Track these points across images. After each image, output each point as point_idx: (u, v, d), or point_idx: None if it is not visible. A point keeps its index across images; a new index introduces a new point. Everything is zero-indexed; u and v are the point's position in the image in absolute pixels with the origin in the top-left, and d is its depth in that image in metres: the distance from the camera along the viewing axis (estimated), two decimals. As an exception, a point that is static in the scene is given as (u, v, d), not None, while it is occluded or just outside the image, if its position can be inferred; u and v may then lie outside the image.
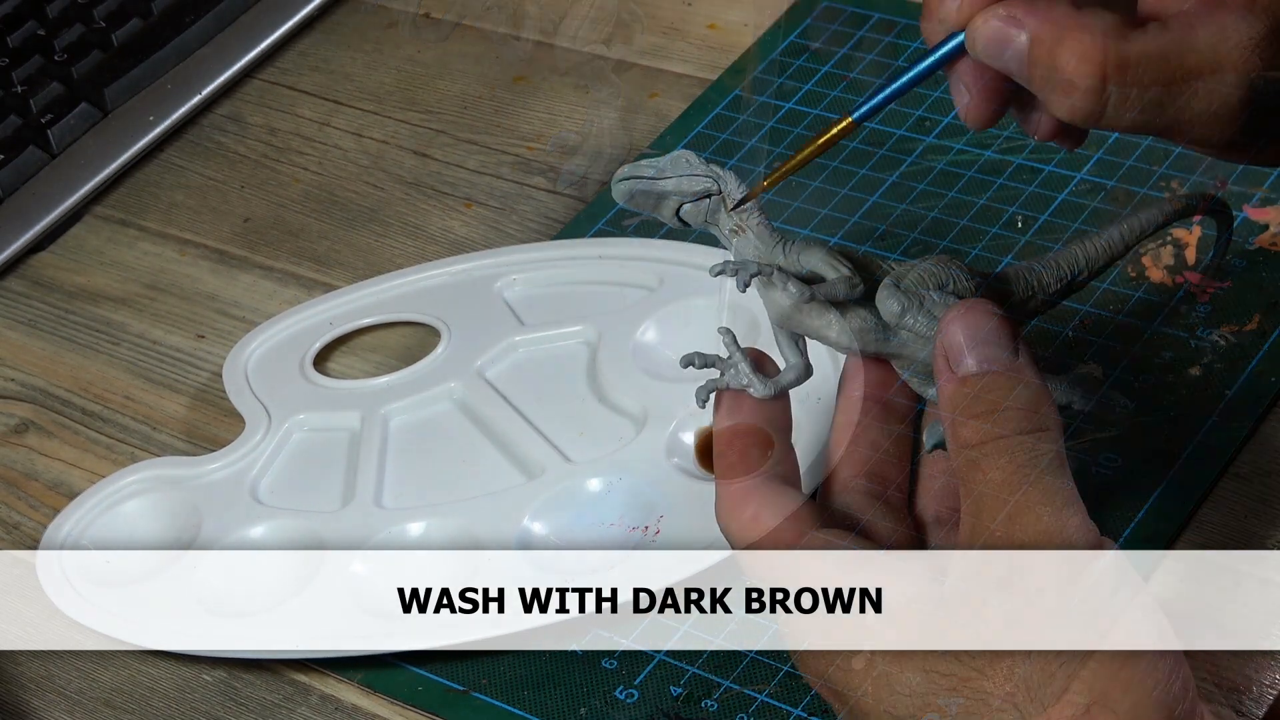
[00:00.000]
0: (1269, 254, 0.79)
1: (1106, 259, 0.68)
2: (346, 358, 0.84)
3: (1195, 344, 0.76)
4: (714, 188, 0.65)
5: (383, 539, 0.74)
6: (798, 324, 0.65)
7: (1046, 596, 0.55)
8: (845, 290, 0.63)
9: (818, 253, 0.64)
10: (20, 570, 0.78)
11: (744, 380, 0.66)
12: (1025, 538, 0.55)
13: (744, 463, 0.64)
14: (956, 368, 0.58)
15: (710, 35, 0.98)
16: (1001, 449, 0.57)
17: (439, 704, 0.69)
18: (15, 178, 0.94)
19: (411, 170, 0.94)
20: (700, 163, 0.66)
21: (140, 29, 1.01)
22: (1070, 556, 0.55)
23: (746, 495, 0.62)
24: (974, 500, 0.56)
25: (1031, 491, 0.56)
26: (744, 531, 0.62)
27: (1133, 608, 0.55)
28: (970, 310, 0.59)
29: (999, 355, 0.58)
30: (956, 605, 0.56)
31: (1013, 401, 0.57)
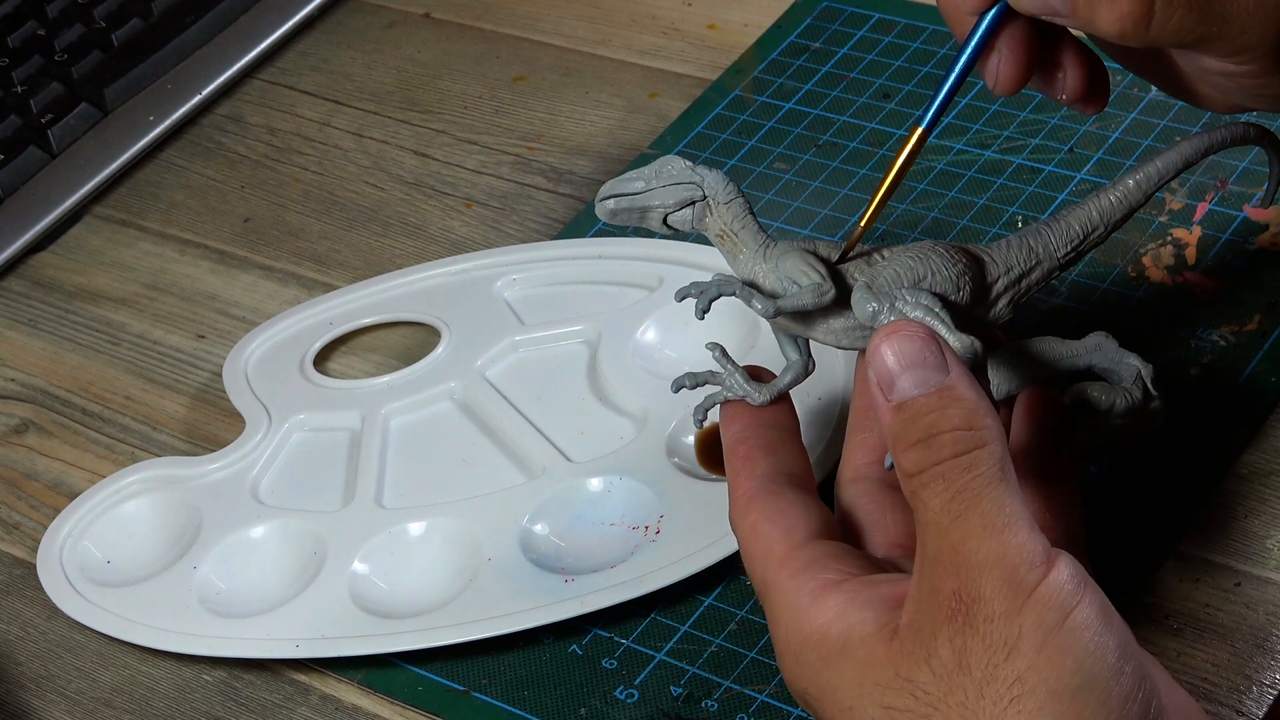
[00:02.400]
0: (1269, 254, 0.79)
1: (1125, 211, 0.67)
2: (346, 358, 0.84)
3: (1195, 344, 0.76)
4: (697, 194, 0.65)
5: (383, 539, 0.74)
6: (786, 326, 0.65)
7: (995, 626, 0.54)
8: (812, 299, 0.63)
9: (793, 258, 0.64)
10: (20, 570, 0.78)
11: (740, 391, 0.66)
12: (968, 566, 0.54)
13: (747, 468, 0.64)
14: (889, 395, 0.57)
15: (710, 35, 0.98)
16: (938, 476, 0.55)
17: (439, 704, 0.69)
18: (15, 178, 0.94)
19: (411, 170, 0.94)
20: (685, 168, 0.66)
21: (140, 29, 1.01)
22: (1016, 581, 0.54)
23: (748, 503, 0.63)
24: (921, 530, 0.56)
25: (970, 518, 0.55)
26: (746, 540, 0.62)
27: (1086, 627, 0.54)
28: (894, 335, 0.58)
29: (929, 377, 0.57)
30: (910, 640, 0.55)
31: (945, 424, 0.56)
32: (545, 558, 0.72)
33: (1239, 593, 0.68)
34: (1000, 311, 0.66)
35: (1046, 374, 0.66)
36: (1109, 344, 0.65)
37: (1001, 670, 0.54)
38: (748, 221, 0.65)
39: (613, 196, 0.66)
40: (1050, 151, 0.86)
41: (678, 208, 0.65)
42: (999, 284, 0.65)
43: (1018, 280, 0.65)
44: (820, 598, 0.58)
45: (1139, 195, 0.67)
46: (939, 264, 0.64)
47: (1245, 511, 0.71)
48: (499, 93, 0.98)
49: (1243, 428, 0.73)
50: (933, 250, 0.64)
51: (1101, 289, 0.79)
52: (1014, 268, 0.65)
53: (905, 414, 0.56)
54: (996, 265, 0.65)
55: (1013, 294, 0.66)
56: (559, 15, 1.01)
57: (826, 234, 0.84)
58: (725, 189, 0.65)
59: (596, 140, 0.93)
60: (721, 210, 0.65)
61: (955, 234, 0.83)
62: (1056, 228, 0.66)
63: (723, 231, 0.65)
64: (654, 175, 0.66)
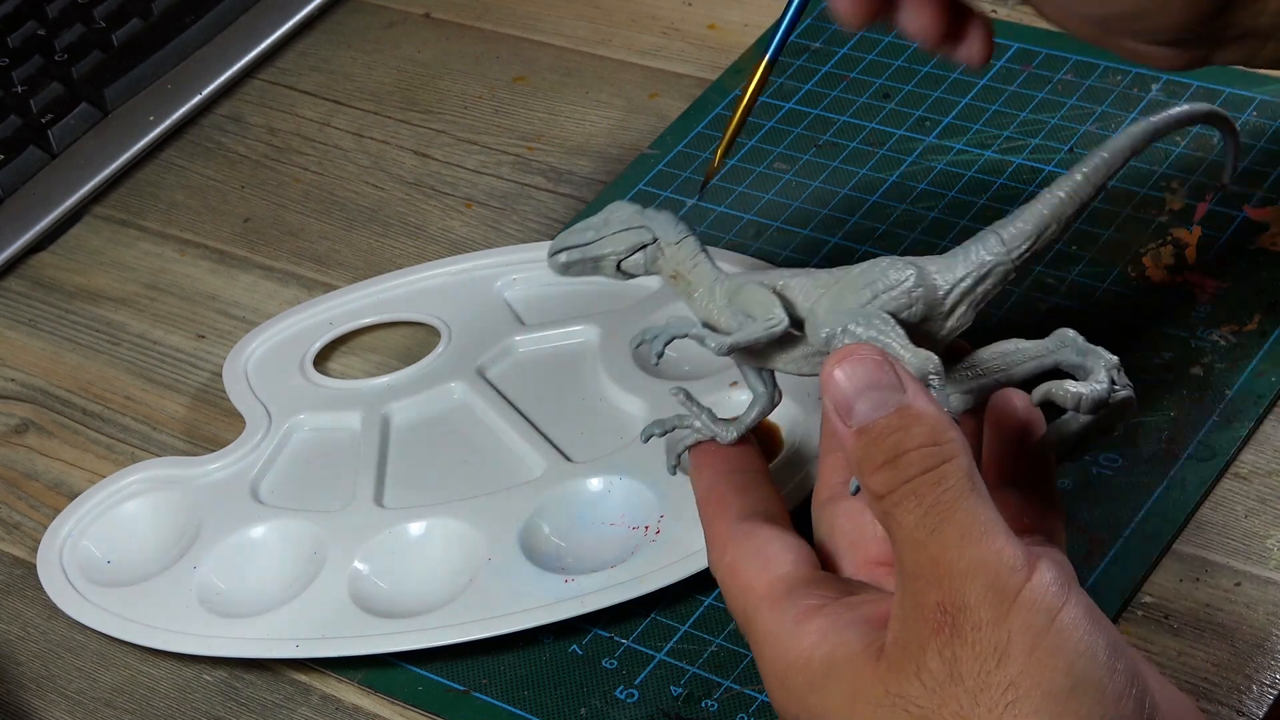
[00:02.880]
0: (1269, 254, 0.79)
1: (1076, 206, 0.65)
2: (346, 358, 0.84)
3: (1195, 344, 0.76)
4: (647, 237, 0.65)
5: (383, 539, 0.74)
6: (748, 359, 0.65)
7: (983, 633, 0.54)
8: (763, 331, 0.63)
9: (745, 292, 0.64)
10: (20, 570, 0.78)
11: (708, 431, 0.66)
12: (950, 576, 0.54)
13: (721, 511, 0.64)
14: (848, 421, 0.57)
15: (710, 35, 0.98)
16: (908, 494, 0.55)
17: (439, 704, 0.69)
18: (15, 178, 0.94)
19: (411, 170, 0.94)
20: (633, 213, 0.66)
21: (140, 29, 1.01)
22: (999, 587, 0.54)
23: (726, 542, 0.63)
24: (898, 548, 0.55)
25: (947, 530, 0.54)
26: (726, 580, 0.62)
27: (1074, 628, 0.54)
28: (845, 360, 0.57)
29: (886, 398, 0.56)
30: (897, 656, 0.55)
31: (910, 443, 0.55)
32: (545, 558, 0.72)
33: (1239, 593, 0.68)
34: (959, 320, 0.64)
35: (1012, 377, 0.65)
36: (1075, 339, 0.64)
37: (994, 677, 0.53)
38: (699, 260, 0.65)
39: (564, 249, 0.66)
40: (1050, 151, 0.86)
41: (629, 253, 0.66)
42: (953, 294, 0.64)
43: (972, 288, 0.64)
44: (802, 624, 0.58)
45: (1089, 189, 0.65)
46: (888, 282, 0.63)
47: (1245, 511, 0.71)
48: (499, 93, 0.98)
49: (1243, 428, 0.73)
50: (883, 269, 0.63)
51: (1101, 289, 0.79)
52: (967, 276, 0.64)
53: (868, 438, 0.56)
54: (948, 275, 0.64)
55: (970, 301, 0.64)
56: (559, 15, 1.01)
57: (826, 235, 0.84)
58: (675, 230, 0.65)
59: (596, 140, 0.93)
60: (673, 251, 0.65)
61: (955, 234, 0.83)
62: (1007, 231, 0.64)
63: (675, 273, 0.65)
64: (603, 223, 0.66)
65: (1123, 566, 0.69)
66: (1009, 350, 0.65)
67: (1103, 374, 0.63)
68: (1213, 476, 0.71)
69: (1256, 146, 0.84)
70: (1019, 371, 0.65)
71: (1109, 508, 0.71)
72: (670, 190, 0.88)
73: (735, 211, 0.86)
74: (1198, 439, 0.73)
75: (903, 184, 0.86)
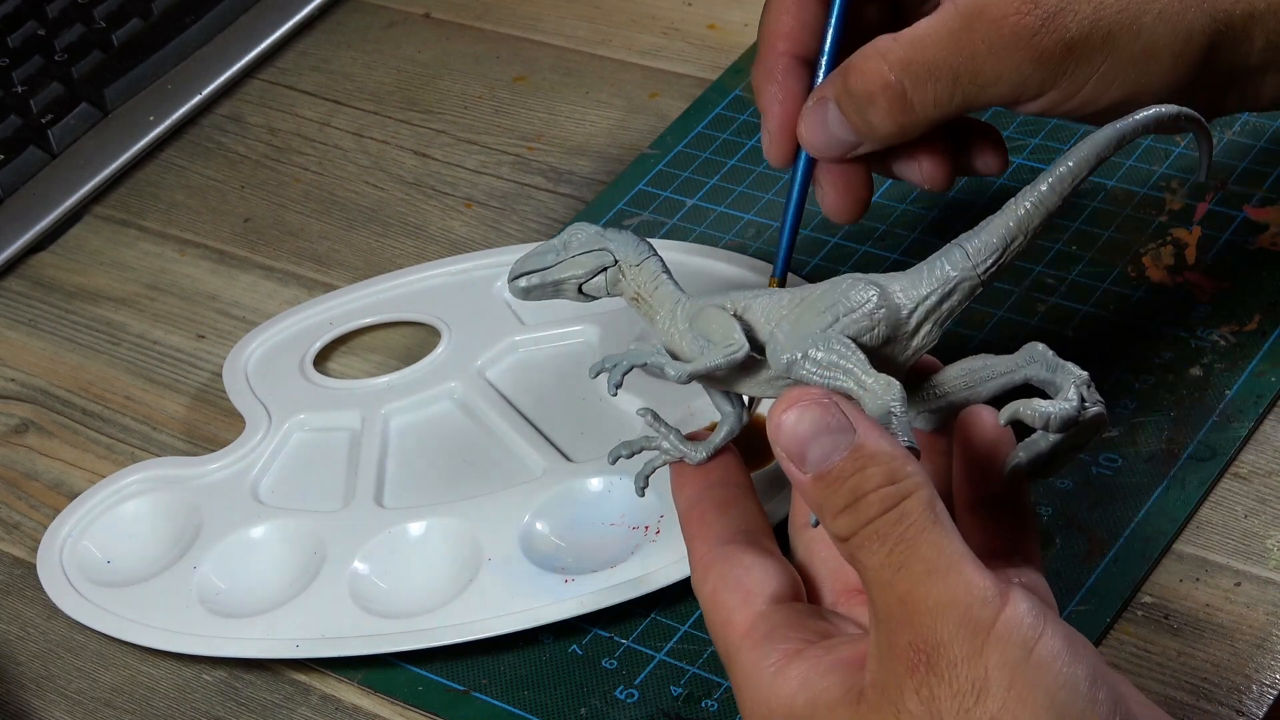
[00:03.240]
0: (1269, 254, 0.79)
1: (1042, 216, 0.64)
2: (346, 358, 0.84)
3: (1195, 344, 0.76)
4: (607, 259, 0.65)
5: (383, 539, 0.74)
6: (711, 382, 0.65)
7: (959, 670, 0.53)
8: (724, 358, 0.62)
9: (705, 316, 0.63)
10: (20, 570, 0.78)
11: (676, 453, 0.66)
12: (920, 614, 0.54)
13: (702, 531, 0.64)
14: (802, 469, 0.56)
15: (710, 35, 0.98)
16: (871, 535, 0.55)
17: (439, 704, 0.69)
18: (15, 178, 0.94)
19: (411, 170, 0.94)
20: (594, 234, 0.65)
21: (140, 29, 1.01)
22: (971, 621, 0.53)
23: (707, 568, 0.62)
24: (867, 588, 0.55)
25: (913, 565, 0.54)
26: (707, 607, 0.62)
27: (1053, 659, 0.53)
28: (791, 407, 0.57)
29: (837, 442, 0.56)
30: (876, 699, 0.55)
31: (868, 484, 0.55)
32: (545, 558, 0.72)
33: (1239, 593, 0.68)
34: (925, 339, 0.63)
35: (981, 394, 0.64)
36: (1044, 354, 0.63)
37: (974, 714, 0.53)
38: (661, 281, 0.65)
39: (524, 274, 0.65)
40: (1050, 152, 0.86)
41: (589, 276, 0.65)
42: (917, 312, 0.63)
43: (937, 305, 0.63)
44: (783, 669, 0.58)
45: (1055, 198, 0.64)
46: (849, 304, 0.62)
47: (1245, 511, 0.71)
48: (499, 93, 0.98)
49: (1243, 427, 0.73)
50: (844, 291, 0.62)
51: (1101, 289, 0.79)
52: (932, 294, 0.63)
53: (824, 484, 0.56)
54: (912, 294, 0.63)
55: (935, 318, 0.63)
56: (559, 15, 1.01)
57: (826, 235, 0.84)
58: (636, 251, 0.65)
59: (596, 140, 0.93)
60: (634, 273, 0.65)
61: (955, 234, 0.82)
62: (973, 244, 0.63)
63: (636, 294, 0.65)
64: (563, 245, 0.65)
65: (1123, 566, 0.69)
66: (977, 367, 0.64)
67: (1072, 391, 0.61)
68: (1213, 476, 0.71)
69: (1256, 146, 0.84)
70: (987, 388, 0.64)
71: (1109, 508, 0.71)
72: (670, 190, 0.88)
73: (735, 211, 0.86)
74: (1198, 439, 0.73)
75: (903, 184, 0.86)
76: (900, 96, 0.67)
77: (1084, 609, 0.68)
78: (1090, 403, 0.61)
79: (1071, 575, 0.69)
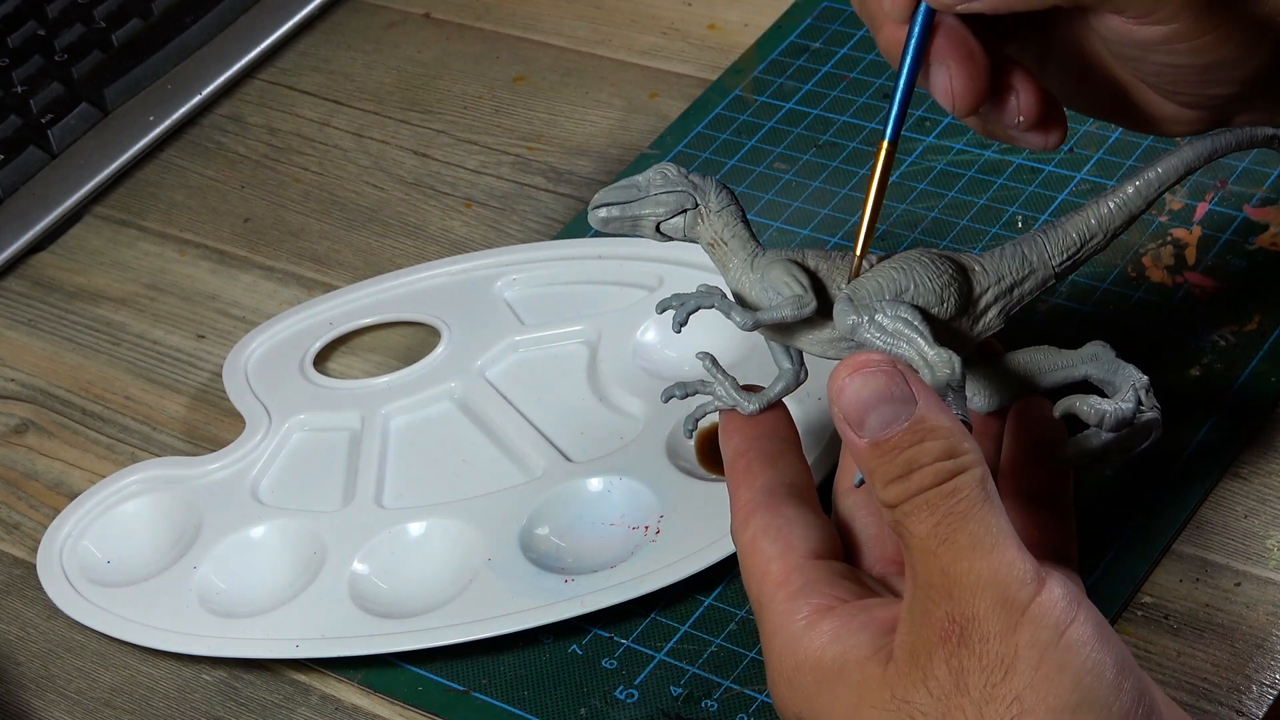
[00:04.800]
0: (1269, 254, 0.79)
1: (1125, 218, 0.65)
2: (346, 358, 0.84)
3: (1195, 344, 0.76)
4: (689, 202, 0.65)
5: (383, 539, 0.74)
6: (774, 336, 0.65)
7: (991, 646, 0.54)
8: (792, 311, 0.62)
9: (778, 268, 0.63)
10: (20, 570, 0.78)
11: (730, 400, 0.66)
12: (960, 588, 0.54)
13: (748, 479, 0.64)
14: (860, 434, 0.56)
15: (710, 35, 0.98)
16: (921, 504, 0.55)
17: (439, 704, 0.69)
18: (15, 178, 0.94)
19: (411, 170, 0.94)
20: (679, 176, 0.65)
21: (140, 29, 1.01)
22: (1008, 600, 0.54)
23: (748, 516, 0.62)
24: (909, 554, 0.56)
25: (959, 539, 0.54)
26: (744, 554, 0.62)
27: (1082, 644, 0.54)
28: (856, 372, 0.57)
29: (898, 412, 0.56)
30: (905, 662, 0.55)
31: (924, 457, 0.55)
32: (545, 558, 0.72)
33: (1239, 593, 0.68)
34: (990, 322, 0.64)
35: (1040, 385, 0.65)
36: (1106, 353, 0.64)
37: (999, 690, 0.53)
38: (739, 230, 0.64)
39: (604, 205, 0.65)
40: (1050, 151, 0.86)
41: (669, 215, 0.65)
42: (988, 294, 0.64)
43: (1009, 290, 0.64)
44: (815, 623, 0.58)
45: (1139, 202, 0.65)
46: (923, 275, 0.63)
47: (1245, 511, 0.71)
48: (499, 93, 0.98)
49: (1243, 428, 0.73)
50: (918, 260, 0.63)
51: (1101, 289, 0.79)
52: (1005, 277, 0.64)
53: (880, 451, 0.56)
54: (987, 275, 0.64)
55: (1004, 304, 0.64)
56: (559, 15, 1.01)
57: (826, 234, 0.84)
58: (719, 197, 0.65)
59: (596, 140, 0.93)
60: (713, 219, 0.65)
61: (955, 234, 0.83)
62: (1053, 235, 0.65)
63: (714, 240, 0.65)
64: (648, 183, 0.65)
65: (1123, 566, 0.69)
66: (1039, 358, 0.65)
67: (1130, 393, 0.62)
68: (1213, 476, 0.71)
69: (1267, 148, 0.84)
70: (1047, 380, 0.64)
71: (1109, 508, 0.71)
72: (670, 190, 0.88)
73: (735, 211, 0.86)
74: (1198, 439, 0.73)
75: (903, 184, 0.86)
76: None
77: (1084, 609, 0.68)
78: (1147, 407, 0.62)
79: (1072, 575, 0.69)
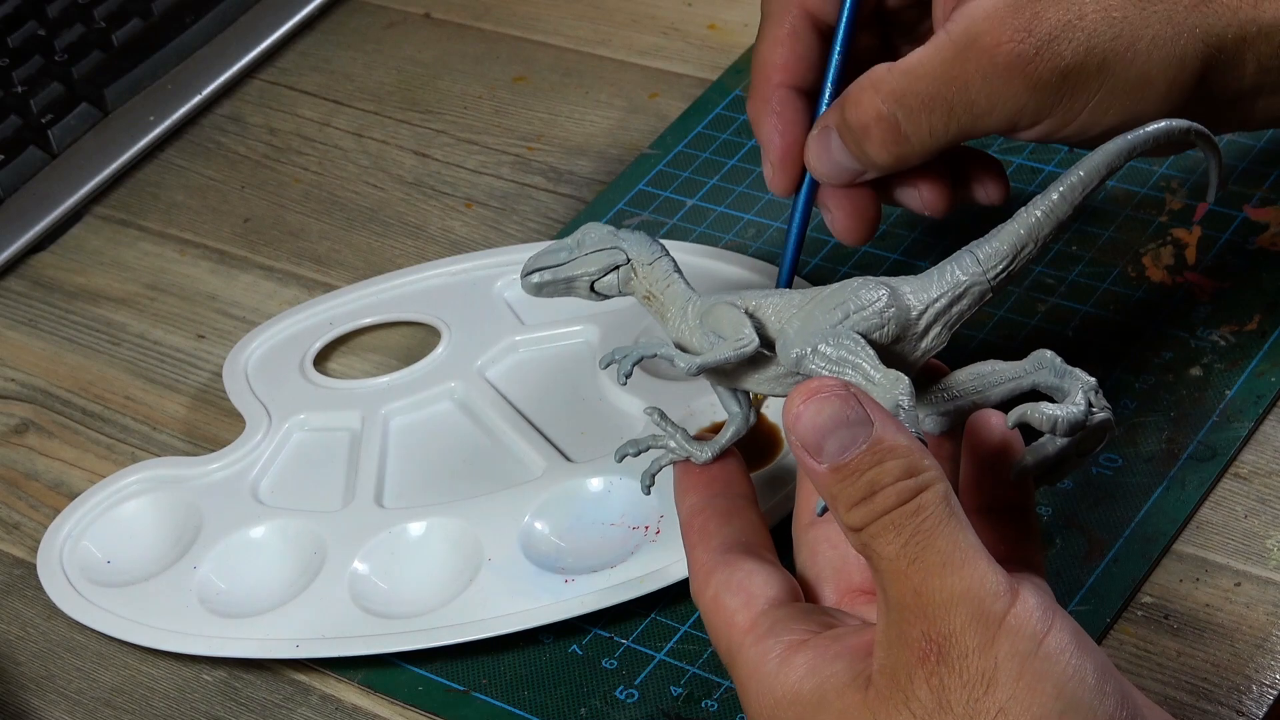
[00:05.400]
0: (1269, 254, 0.79)
1: (1053, 225, 0.64)
2: (346, 358, 0.84)
3: (1195, 344, 0.76)
4: (620, 258, 0.65)
5: (383, 539, 0.74)
6: (720, 380, 0.65)
7: (970, 661, 0.54)
8: (732, 352, 0.62)
9: (716, 312, 0.64)
10: (20, 570, 0.78)
11: (683, 452, 0.66)
12: (934, 606, 0.54)
13: (704, 540, 0.64)
14: (819, 460, 0.56)
15: (710, 35, 0.98)
16: (886, 526, 0.55)
17: (439, 704, 0.69)
18: (15, 178, 0.94)
19: (411, 170, 0.94)
20: (606, 234, 0.66)
21: (140, 29, 1.01)
22: (984, 614, 0.54)
23: (708, 575, 0.62)
24: (879, 577, 0.55)
25: (928, 557, 0.54)
26: (708, 612, 0.62)
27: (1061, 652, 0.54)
28: (810, 398, 0.56)
29: (855, 435, 0.55)
30: (885, 685, 0.55)
31: (886, 478, 0.55)
32: (545, 558, 0.72)
33: (1239, 593, 0.68)
34: (933, 341, 0.64)
35: (989, 398, 0.64)
36: (1051, 360, 0.63)
37: (983, 704, 0.53)
38: (673, 280, 0.65)
39: (536, 270, 0.66)
40: (1050, 151, 0.86)
41: (602, 274, 0.66)
42: (926, 315, 0.63)
43: (947, 308, 0.63)
44: (789, 659, 0.58)
45: (1066, 207, 0.64)
46: (859, 302, 0.62)
47: (1245, 511, 0.71)
48: (499, 93, 0.98)
49: (1243, 427, 0.73)
50: (855, 290, 0.63)
51: (1101, 289, 0.79)
52: (941, 297, 0.63)
53: (841, 475, 0.55)
54: (922, 296, 0.63)
55: (945, 321, 0.64)
56: (559, 15, 1.01)
57: (826, 234, 0.84)
58: (649, 250, 0.65)
59: (596, 140, 0.93)
60: (646, 272, 0.65)
61: (955, 234, 0.83)
62: (984, 250, 0.64)
63: (648, 293, 0.65)
64: (576, 244, 0.66)
65: (1123, 566, 0.69)
66: (985, 372, 0.64)
67: (1080, 396, 0.62)
68: (1213, 476, 0.71)
69: (1256, 147, 0.84)
70: (995, 393, 0.64)
71: (1109, 508, 0.71)
72: (670, 190, 0.88)
73: (735, 212, 0.86)
74: (1198, 439, 0.73)
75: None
76: (894, 128, 0.68)
77: (1084, 609, 0.68)
78: (1098, 408, 0.62)
79: (1071, 575, 0.69)
